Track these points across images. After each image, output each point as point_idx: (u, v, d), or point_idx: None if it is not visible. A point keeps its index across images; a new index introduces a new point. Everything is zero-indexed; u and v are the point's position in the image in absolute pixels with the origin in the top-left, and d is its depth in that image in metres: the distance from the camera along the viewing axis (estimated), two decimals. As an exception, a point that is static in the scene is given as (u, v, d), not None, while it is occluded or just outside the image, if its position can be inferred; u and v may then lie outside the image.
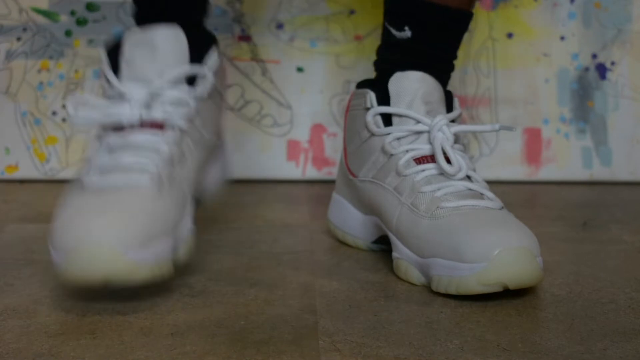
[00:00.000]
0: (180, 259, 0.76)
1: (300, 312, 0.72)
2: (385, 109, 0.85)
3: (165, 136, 0.78)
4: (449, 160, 0.81)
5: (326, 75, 1.21)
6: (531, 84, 1.21)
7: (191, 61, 0.83)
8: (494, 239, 0.73)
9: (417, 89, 0.84)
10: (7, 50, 1.18)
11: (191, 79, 0.83)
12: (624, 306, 0.74)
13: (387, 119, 0.85)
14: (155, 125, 0.79)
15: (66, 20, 1.18)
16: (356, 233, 0.90)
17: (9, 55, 1.18)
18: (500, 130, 0.82)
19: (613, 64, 1.21)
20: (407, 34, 0.87)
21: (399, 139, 0.84)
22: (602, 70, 1.21)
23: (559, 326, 0.69)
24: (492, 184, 0.89)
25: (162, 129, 0.79)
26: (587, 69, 1.21)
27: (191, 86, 0.83)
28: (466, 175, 0.81)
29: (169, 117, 0.79)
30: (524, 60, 1.21)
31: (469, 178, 0.81)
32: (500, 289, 0.72)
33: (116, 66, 0.81)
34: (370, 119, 0.85)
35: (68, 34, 1.18)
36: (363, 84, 0.89)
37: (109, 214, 0.71)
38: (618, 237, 0.95)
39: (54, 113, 1.19)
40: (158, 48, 0.81)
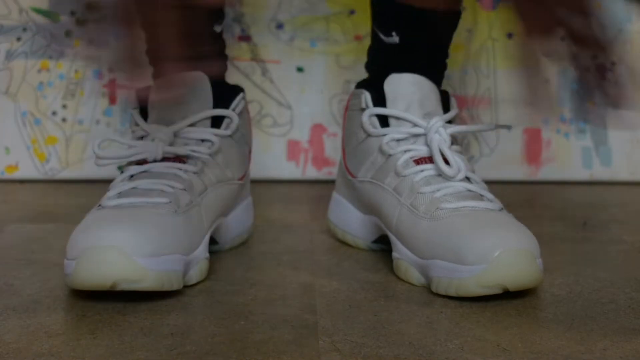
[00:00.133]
0: (191, 280, 0.77)
1: (300, 312, 0.72)
2: (381, 110, 0.85)
3: (186, 167, 0.81)
4: (447, 162, 0.81)
5: (326, 75, 1.21)
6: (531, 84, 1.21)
7: (216, 106, 0.85)
8: (493, 240, 0.73)
9: (413, 92, 0.84)
10: (7, 50, 1.18)
11: (217, 121, 0.86)
12: (624, 306, 0.74)
13: (384, 118, 0.85)
14: (178, 159, 0.81)
15: (66, 20, 1.18)
16: (356, 232, 0.90)
17: (9, 55, 1.18)
18: (497, 129, 0.82)
19: (613, 64, 1.21)
20: (395, 39, 0.87)
21: (397, 140, 0.84)
22: (602, 71, 1.21)
23: (559, 326, 0.69)
24: (492, 184, 0.89)
25: (184, 162, 0.81)
26: (587, 69, 1.21)
27: (215, 126, 0.85)
28: (465, 176, 0.81)
29: (191, 153, 0.82)
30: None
31: (468, 179, 0.81)
32: (500, 291, 0.73)
33: (145, 111, 0.84)
34: (366, 119, 0.85)
35: (68, 34, 1.18)
36: (361, 84, 0.89)
37: (122, 223, 0.72)
38: (618, 237, 0.95)
39: (54, 113, 1.19)
40: (183, 94, 0.83)
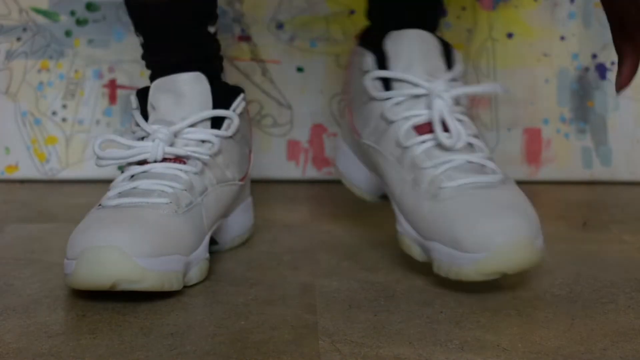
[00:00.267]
0: (191, 280, 0.77)
1: (300, 312, 0.72)
2: (383, 73, 0.84)
3: (186, 167, 0.80)
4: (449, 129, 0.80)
5: (326, 75, 1.21)
6: (531, 84, 1.21)
7: (216, 107, 0.85)
8: (493, 229, 0.73)
9: (416, 49, 0.83)
10: (7, 50, 1.18)
11: (218, 122, 0.85)
12: (624, 306, 0.74)
13: (387, 80, 0.84)
14: (178, 160, 0.81)
15: (66, 20, 1.18)
16: (362, 186, 0.90)
17: (9, 55, 1.18)
18: (501, 92, 0.82)
19: (613, 64, 1.21)
20: None
21: (398, 103, 0.83)
22: (602, 70, 1.21)
23: (559, 326, 0.69)
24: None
25: (185, 163, 0.81)
26: (587, 69, 1.21)
27: (215, 127, 0.85)
28: (468, 142, 0.80)
29: (191, 153, 0.81)
30: (524, 60, 1.21)
31: (470, 146, 0.80)
32: (498, 277, 0.74)
33: (144, 111, 0.84)
34: (369, 83, 0.85)
35: (68, 34, 1.18)
36: (364, 40, 0.88)
37: (122, 224, 0.72)
38: (618, 237, 0.95)
39: (54, 113, 1.19)
40: (182, 94, 0.83)
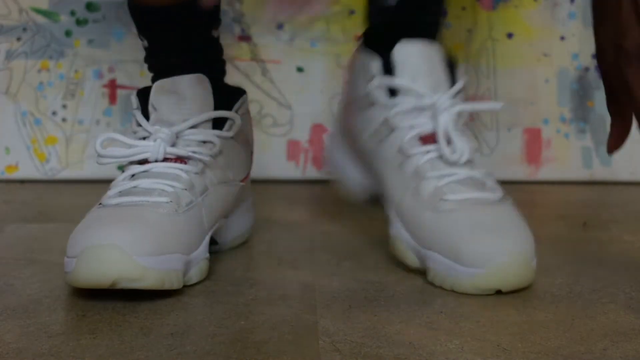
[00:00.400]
0: (191, 280, 0.77)
1: (300, 312, 0.72)
2: (389, 81, 0.84)
3: (187, 167, 0.81)
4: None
5: (326, 75, 1.21)
6: (531, 84, 1.21)
7: (217, 108, 0.85)
8: (492, 246, 0.75)
9: (423, 60, 0.84)
10: (7, 50, 1.18)
11: (220, 122, 0.85)
12: (624, 306, 0.74)
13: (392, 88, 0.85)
14: (179, 160, 0.81)
15: (66, 20, 1.18)
16: (352, 185, 0.91)
17: (9, 55, 1.18)
18: (504, 109, 0.83)
19: None
20: (392, 1, 0.86)
21: (402, 112, 0.84)
22: (602, 70, 1.21)
23: (559, 326, 0.69)
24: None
25: (185, 163, 0.81)
26: (587, 69, 1.21)
27: (217, 128, 0.85)
28: (468, 159, 0.82)
29: (192, 154, 0.81)
30: (524, 60, 1.21)
31: (471, 162, 0.82)
32: (492, 293, 0.75)
33: (145, 112, 0.84)
34: (374, 88, 0.85)
35: (68, 34, 1.18)
36: (369, 43, 0.88)
37: (122, 222, 0.73)
38: (618, 237, 0.95)
39: (54, 113, 1.19)
40: (183, 95, 0.83)
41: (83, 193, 1.13)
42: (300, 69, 1.20)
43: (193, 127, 0.83)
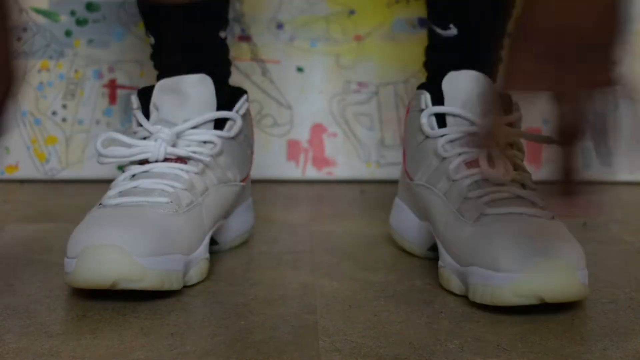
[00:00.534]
0: (191, 280, 0.77)
1: (300, 312, 0.72)
2: (439, 109, 0.82)
3: (187, 167, 0.81)
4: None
5: (326, 75, 1.21)
6: (531, 84, 1.21)
7: (219, 108, 0.85)
8: (531, 248, 0.70)
9: (472, 88, 0.82)
10: (7, 50, 1.18)
11: (221, 122, 0.85)
12: (624, 306, 0.74)
13: (443, 121, 0.83)
14: (179, 160, 0.81)
15: (66, 20, 1.18)
16: (413, 239, 0.87)
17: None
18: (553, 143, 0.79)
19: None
20: (452, 31, 0.85)
21: (452, 141, 0.81)
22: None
23: (559, 326, 0.69)
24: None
25: (186, 163, 0.81)
26: (587, 69, 1.21)
27: (218, 128, 0.85)
28: (520, 182, 0.78)
29: (192, 154, 0.81)
30: (524, 60, 1.21)
31: (522, 185, 0.78)
32: (536, 302, 0.70)
33: (146, 111, 0.84)
34: (424, 120, 0.83)
35: (68, 34, 1.18)
36: (422, 86, 0.87)
37: (123, 223, 0.73)
38: (618, 237, 0.95)
39: (54, 113, 1.19)
40: (186, 95, 0.83)
41: (83, 193, 1.13)
42: (300, 69, 1.20)
43: (194, 127, 0.83)
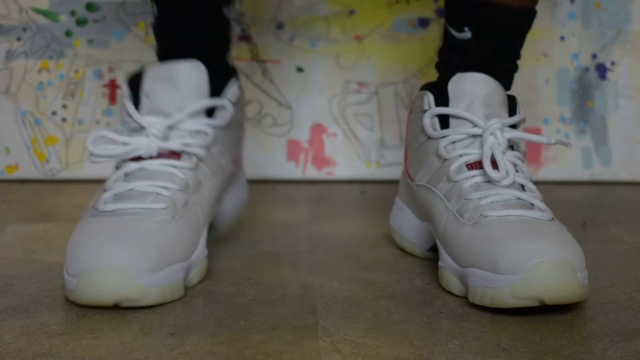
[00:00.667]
0: (192, 281, 0.77)
1: (300, 312, 0.72)
2: (441, 110, 0.82)
3: (181, 163, 0.80)
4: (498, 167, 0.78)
5: (326, 75, 1.21)
6: (531, 84, 1.21)
7: (211, 94, 0.84)
8: (531, 250, 0.69)
9: (478, 91, 0.81)
10: (7, 50, 1.18)
11: (211, 110, 0.85)
12: (624, 306, 0.74)
13: (446, 122, 0.82)
14: (173, 154, 0.81)
15: (66, 20, 1.18)
16: (413, 239, 0.87)
17: (9, 55, 1.18)
18: (557, 144, 0.79)
19: (613, 64, 1.21)
20: (467, 34, 0.84)
21: (454, 142, 0.81)
22: (602, 70, 1.21)
23: (559, 326, 0.69)
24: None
25: (179, 158, 0.81)
26: (587, 69, 1.21)
27: (210, 117, 0.84)
28: (520, 184, 0.78)
29: (186, 147, 0.81)
30: (524, 60, 1.21)
31: (522, 187, 0.78)
32: (536, 304, 0.69)
33: (137, 99, 0.83)
34: (427, 121, 0.83)
35: (68, 34, 1.18)
36: (426, 86, 0.86)
37: (122, 238, 0.72)
38: (618, 237, 0.95)
39: (54, 113, 1.19)
40: (178, 83, 0.83)
41: (83, 193, 1.13)
42: (300, 69, 1.20)
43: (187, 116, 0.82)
